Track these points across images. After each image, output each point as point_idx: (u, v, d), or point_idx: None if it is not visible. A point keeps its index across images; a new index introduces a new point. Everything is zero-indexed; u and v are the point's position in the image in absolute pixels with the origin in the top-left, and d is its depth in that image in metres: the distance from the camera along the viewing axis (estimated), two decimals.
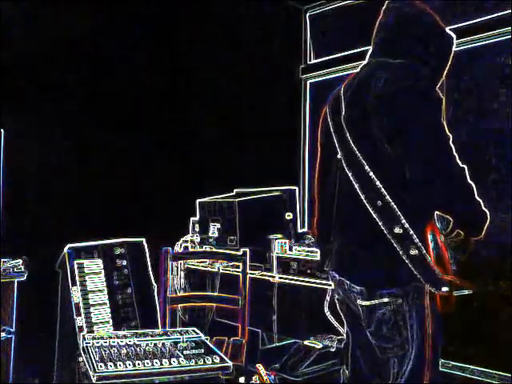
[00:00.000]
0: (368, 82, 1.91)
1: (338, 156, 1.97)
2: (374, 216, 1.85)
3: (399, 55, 1.94)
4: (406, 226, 1.82)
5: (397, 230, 1.82)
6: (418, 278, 1.83)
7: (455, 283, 1.85)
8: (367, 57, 2.07)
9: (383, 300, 1.89)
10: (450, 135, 1.85)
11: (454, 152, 1.84)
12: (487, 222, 1.90)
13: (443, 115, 1.86)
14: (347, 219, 2.00)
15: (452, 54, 2.01)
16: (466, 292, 1.90)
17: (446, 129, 1.85)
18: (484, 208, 1.89)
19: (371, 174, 1.86)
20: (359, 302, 1.95)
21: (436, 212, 1.90)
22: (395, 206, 1.82)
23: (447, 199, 1.88)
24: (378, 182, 1.85)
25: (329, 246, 2.08)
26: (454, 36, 2.01)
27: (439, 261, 1.85)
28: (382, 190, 1.84)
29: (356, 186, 1.89)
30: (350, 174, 1.92)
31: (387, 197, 1.83)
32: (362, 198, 1.87)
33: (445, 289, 1.82)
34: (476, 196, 1.87)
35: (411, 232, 1.81)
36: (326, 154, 2.08)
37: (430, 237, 1.86)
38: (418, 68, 1.92)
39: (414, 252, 1.82)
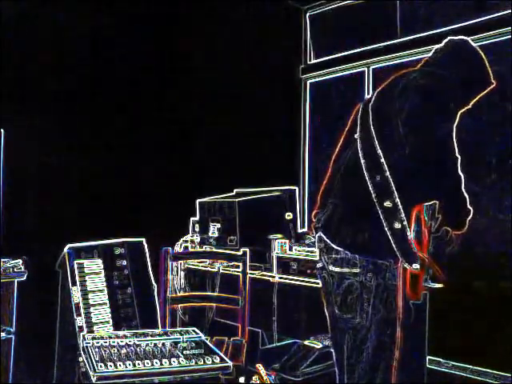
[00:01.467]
0: (400, 80, 2.12)
1: (355, 136, 2.13)
2: (370, 189, 2.00)
3: (443, 69, 2.13)
4: (397, 201, 1.96)
5: (387, 204, 1.97)
6: (395, 254, 1.96)
7: (427, 263, 2.00)
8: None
9: (353, 270, 2.01)
10: (454, 130, 2.04)
11: (455, 143, 2.03)
12: (469, 217, 2.05)
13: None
14: (346, 187, 2.15)
15: (482, 94, 2.19)
16: (437, 286, 1.99)
17: (454, 125, 2.05)
18: (468, 205, 2.05)
19: (379, 151, 2.01)
20: (331, 267, 2.08)
21: (426, 204, 2.05)
22: (392, 183, 1.97)
23: (437, 185, 2.03)
24: (382, 159, 2.00)
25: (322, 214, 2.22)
26: (494, 84, 2.20)
27: (418, 239, 1.99)
28: (385, 165, 1.99)
29: (362, 160, 2.05)
30: (360, 150, 2.07)
31: (387, 173, 1.98)
32: (365, 171, 2.03)
33: (415, 266, 1.95)
34: (463, 189, 2.03)
35: (399, 207, 1.96)
36: (349, 140, 2.22)
37: (415, 217, 1.99)
38: (452, 82, 2.10)
39: (397, 226, 1.95)
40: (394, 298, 1.98)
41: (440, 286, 2.02)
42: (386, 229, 1.96)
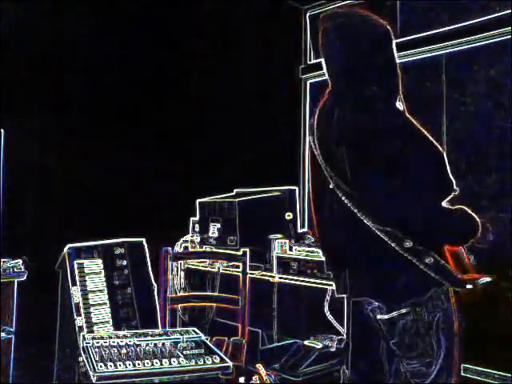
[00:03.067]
0: (328, 119, 1.94)
1: (330, 186, 1.96)
2: (383, 236, 1.86)
3: (354, 86, 1.92)
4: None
5: (407, 245, 1.84)
6: (437, 283, 1.85)
7: (476, 279, 1.89)
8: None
9: (402, 311, 1.91)
10: (441, 149, 1.86)
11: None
12: (478, 230, 1.90)
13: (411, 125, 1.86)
14: (359, 244, 1.98)
15: (394, 51, 1.92)
16: (488, 279, 1.91)
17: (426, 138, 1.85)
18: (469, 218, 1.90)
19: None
20: (379, 316, 1.96)
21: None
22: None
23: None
24: None
25: (343, 274, 2.05)
26: (388, 29, 1.90)
27: (456, 262, 1.89)
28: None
29: (356, 212, 1.89)
30: (347, 203, 1.92)
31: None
32: (368, 223, 1.87)
33: (469, 286, 1.86)
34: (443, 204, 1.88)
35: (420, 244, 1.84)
36: (319, 184, 2.06)
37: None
38: (371, 98, 1.90)
39: (429, 260, 1.84)
40: (450, 320, 1.91)
41: (490, 279, 1.94)
42: (421, 266, 1.83)
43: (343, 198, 1.91)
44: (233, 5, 3.79)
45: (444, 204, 1.88)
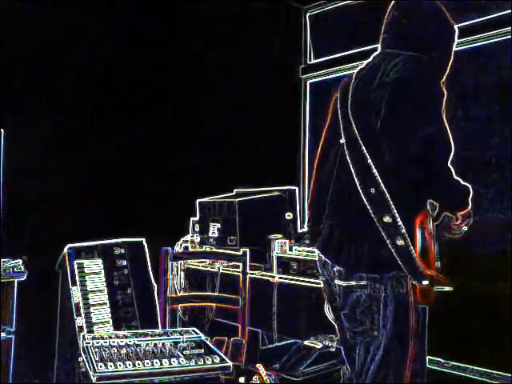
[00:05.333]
0: (375, 71, 1.97)
1: (341, 141, 2.00)
2: (366, 203, 1.89)
3: (405, 49, 2.00)
4: (396, 215, 1.86)
5: (386, 219, 1.86)
6: (401, 267, 1.87)
7: (435, 279, 1.89)
8: (377, 52, 2.12)
9: (360, 282, 1.92)
10: (447, 127, 1.89)
11: (450, 141, 1.88)
12: (470, 194, 1.94)
13: (443, 109, 1.89)
14: (340, 204, 2.03)
15: (454, 47, 2.04)
16: (447, 289, 1.93)
17: (445, 121, 1.88)
18: (464, 183, 1.94)
19: (369, 161, 1.90)
20: (337, 281, 1.99)
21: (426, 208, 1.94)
22: (388, 195, 1.86)
23: (435, 188, 1.93)
24: (374, 170, 1.88)
25: (319, 228, 2.12)
26: (455, 29, 2.03)
27: (424, 255, 1.89)
28: (378, 177, 1.88)
29: (353, 172, 1.93)
30: (349, 160, 1.95)
31: (381, 185, 1.87)
32: (357, 184, 1.91)
33: (425, 282, 1.87)
34: (454, 175, 1.91)
35: (400, 222, 1.86)
36: (331, 139, 2.11)
37: (418, 229, 1.90)
38: (423, 60, 1.97)
39: (400, 242, 1.86)
40: (405, 307, 1.90)
41: (450, 289, 1.96)
42: (390, 246, 1.86)
43: (348, 154, 1.95)
44: (233, 5, 3.79)
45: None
